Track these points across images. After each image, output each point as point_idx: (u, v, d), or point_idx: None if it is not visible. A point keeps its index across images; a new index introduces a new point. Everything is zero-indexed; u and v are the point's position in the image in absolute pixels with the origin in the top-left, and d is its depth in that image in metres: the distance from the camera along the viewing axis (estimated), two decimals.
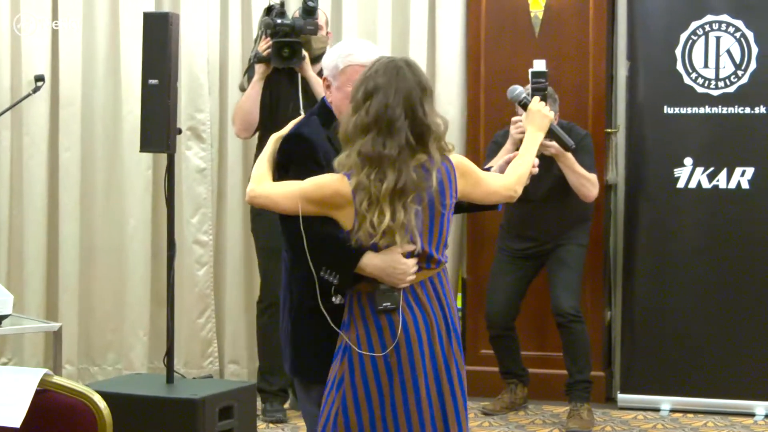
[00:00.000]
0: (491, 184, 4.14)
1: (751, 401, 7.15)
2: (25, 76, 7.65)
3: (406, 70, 3.88)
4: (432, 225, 3.90)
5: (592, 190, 6.82)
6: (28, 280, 7.74)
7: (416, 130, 3.84)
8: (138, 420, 5.56)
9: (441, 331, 3.94)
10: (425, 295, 3.95)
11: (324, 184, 3.90)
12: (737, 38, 7.21)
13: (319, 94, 6.67)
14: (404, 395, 3.87)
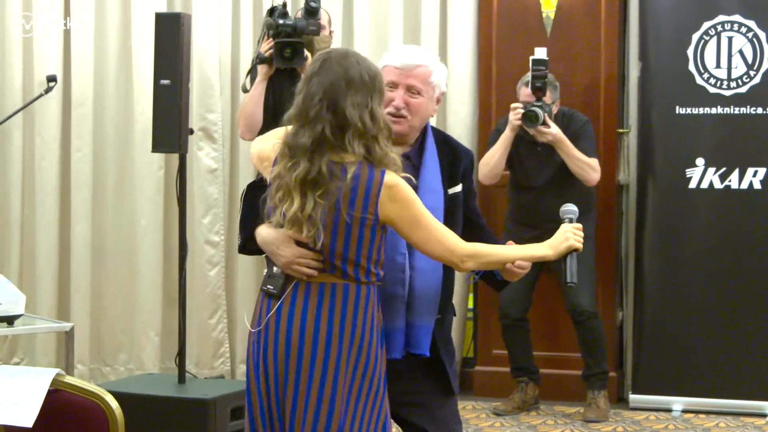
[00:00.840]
0: (433, 237, 3.81)
1: (764, 402, 7.14)
2: (37, 77, 7.66)
3: (333, 61, 3.79)
4: (335, 230, 3.74)
5: (593, 174, 6.89)
6: (39, 281, 7.75)
7: (337, 123, 3.75)
8: (150, 420, 5.58)
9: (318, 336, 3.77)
10: (319, 296, 3.79)
11: (272, 136, 4.08)
12: (749, 38, 7.20)
13: None
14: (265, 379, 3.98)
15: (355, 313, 3.79)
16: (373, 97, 3.77)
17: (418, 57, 4.09)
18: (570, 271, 4.11)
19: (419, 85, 4.03)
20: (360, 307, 3.80)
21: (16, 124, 7.67)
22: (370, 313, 3.82)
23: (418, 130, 4.09)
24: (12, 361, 7.75)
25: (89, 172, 7.76)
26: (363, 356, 3.80)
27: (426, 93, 4.04)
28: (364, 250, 3.77)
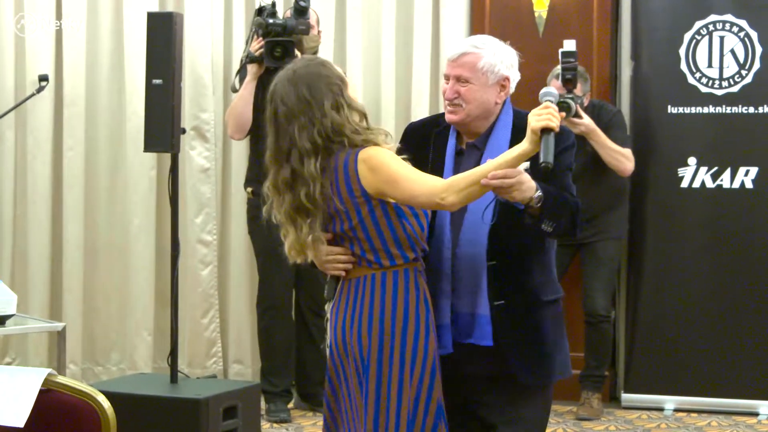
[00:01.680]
0: (412, 186, 3.81)
1: (755, 401, 7.15)
2: (29, 76, 7.65)
3: (277, 97, 4.10)
4: (340, 226, 3.91)
5: (627, 164, 6.98)
6: (31, 280, 7.75)
7: (300, 151, 3.90)
8: (142, 420, 5.57)
9: (361, 331, 3.88)
10: (355, 291, 3.92)
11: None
12: (741, 38, 7.21)
13: None
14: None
15: (382, 302, 3.88)
16: (322, 103, 3.90)
17: (465, 45, 4.10)
18: (543, 151, 3.77)
19: (466, 73, 4.03)
20: (387, 294, 3.87)
21: (8, 124, 7.67)
22: (401, 299, 3.87)
23: (485, 118, 4.08)
24: (4, 361, 7.74)
25: (81, 171, 7.75)
26: (399, 344, 3.86)
27: (476, 80, 4.03)
28: (375, 233, 3.86)
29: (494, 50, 4.07)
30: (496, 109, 4.07)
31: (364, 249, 3.87)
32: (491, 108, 4.06)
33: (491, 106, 4.06)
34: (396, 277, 3.89)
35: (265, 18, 6.69)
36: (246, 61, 6.85)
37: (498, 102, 4.07)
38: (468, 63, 4.04)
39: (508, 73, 4.07)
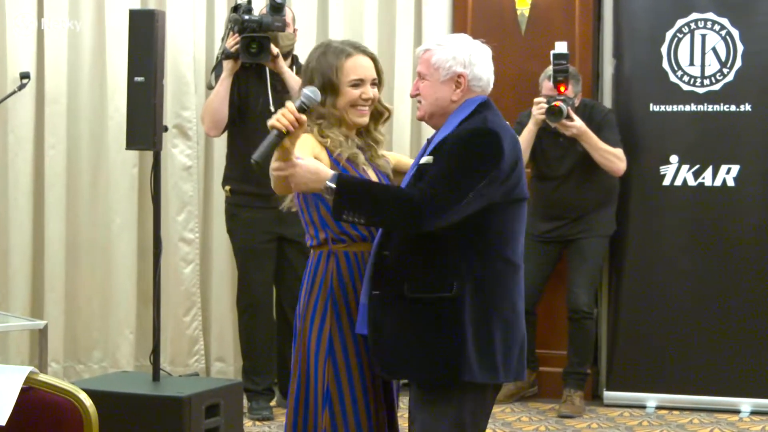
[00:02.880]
0: None
1: (737, 398, 7.18)
2: (10, 74, 7.62)
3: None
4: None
5: (619, 164, 7.02)
6: (13, 278, 7.72)
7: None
8: (124, 418, 5.57)
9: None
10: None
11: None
12: (723, 36, 7.23)
13: (293, 87, 6.72)
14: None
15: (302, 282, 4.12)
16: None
17: (426, 44, 4.10)
18: (259, 150, 3.85)
19: (423, 70, 4.02)
20: (308, 275, 4.09)
21: None
22: (312, 280, 4.08)
23: (441, 115, 4.01)
24: None
25: (63, 169, 7.73)
26: (302, 324, 4.09)
27: (430, 76, 4.00)
28: (302, 212, 4.10)
29: (451, 47, 3.99)
30: (452, 107, 3.99)
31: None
32: (446, 106, 3.99)
33: (446, 104, 3.99)
34: (312, 257, 4.08)
35: (241, 14, 6.69)
36: (222, 57, 6.85)
37: (454, 100, 3.98)
38: (425, 60, 4.03)
39: (462, 70, 3.96)
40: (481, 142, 3.82)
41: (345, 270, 4.00)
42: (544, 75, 7.00)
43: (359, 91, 4.10)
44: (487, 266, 3.81)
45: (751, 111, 7.19)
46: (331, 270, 4.00)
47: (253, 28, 6.68)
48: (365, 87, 4.10)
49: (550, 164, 7.14)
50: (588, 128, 6.87)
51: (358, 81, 4.10)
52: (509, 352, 3.83)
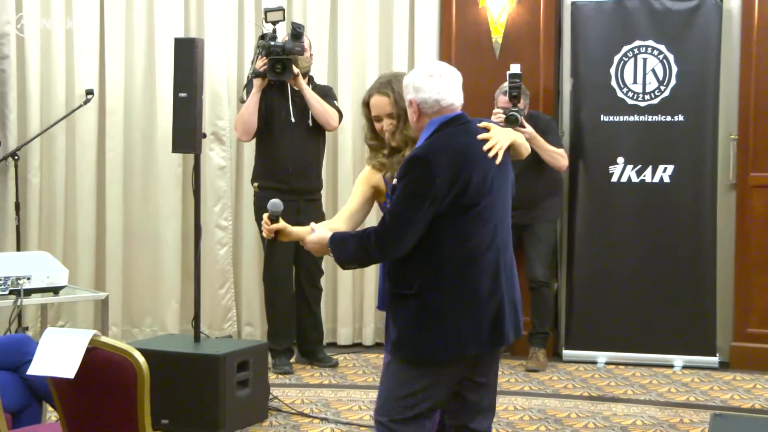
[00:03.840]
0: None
1: (671, 355, 7.18)
2: (77, 91, 7.62)
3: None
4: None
5: (563, 161, 7.04)
6: (80, 259, 7.73)
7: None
8: (171, 372, 5.57)
9: None
10: None
11: None
12: (660, 59, 7.22)
13: (310, 101, 6.75)
14: None
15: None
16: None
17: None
18: (265, 246, 4.09)
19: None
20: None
21: (60, 130, 7.64)
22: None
23: (416, 137, 3.88)
24: (57, 324, 7.72)
25: (120, 169, 7.74)
26: None
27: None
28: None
29: (407, 78, 3.87)
30: (418, 129, 3.84)
31: None
32: (415, 128, 3.87)
33: (414, 127, 3.87)
34: None
35: (268, 41, 6.71)
36: (252, 76, 6.86)
37: (416, 122, 3.84)
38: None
39: (410, 97, 3.79)
40: (413, 168, 3.64)
41: None
42: (499, 91, 7.00)
43: (378, 125, 4.06)
44: (444, 265, 3.68)
45: (683, 120, 7.18)
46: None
47: (277, 51, 6.69)
48: (381, 122, 4.04)
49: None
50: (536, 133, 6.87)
51: (376, 117, 4.07)
52: (479, 328, 3.71)
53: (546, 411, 6.08)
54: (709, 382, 6.78)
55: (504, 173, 3.81)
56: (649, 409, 6.15)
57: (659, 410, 6.12)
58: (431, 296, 3.69)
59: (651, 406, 6.22)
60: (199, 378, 5.64)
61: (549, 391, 6.58)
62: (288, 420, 5.92)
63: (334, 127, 6.94)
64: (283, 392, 6.39)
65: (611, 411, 6.10)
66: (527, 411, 6.07)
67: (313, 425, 5.82)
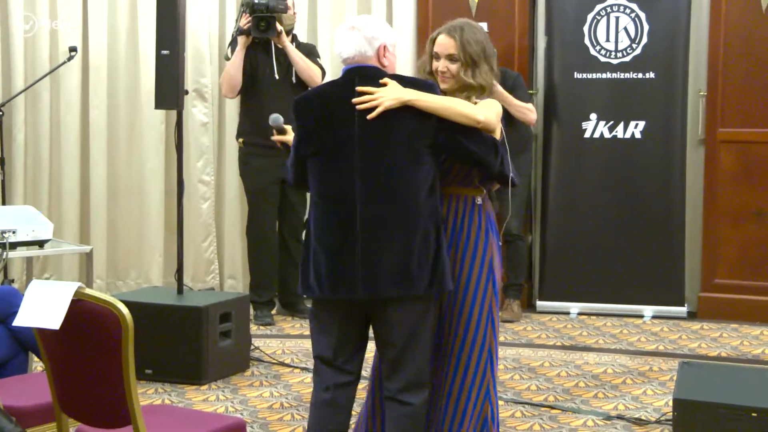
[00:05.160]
0: None
1: (641, 305, 7.23)
2: (61, 48, 7.56)
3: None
4: None
5: (531, 116, 6.93)
6: (66, 213, 7.71)
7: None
8: (155, 324, 5.58)
9: None
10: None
11: (499, 108, 3.97)
12: (632, 18, 7.20)
13: (293, 58, 6.71)
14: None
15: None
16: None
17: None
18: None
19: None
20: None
21: (44, 86, 7.59)
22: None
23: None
24: (42, 276, 7.71)
25: (104, 125, 7.70)
26: None
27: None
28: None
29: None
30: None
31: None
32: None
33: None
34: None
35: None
36: (236, 33, 6.83)
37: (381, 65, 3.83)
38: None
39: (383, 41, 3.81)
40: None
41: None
42: (436, 57, 6.93)
43: (436, 64, 3.97)
44: (312, 208, 3.79)
45: (654, 78, 7.18)
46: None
47: (261, 9, 6.65)
48: (439, 61, 3.96)
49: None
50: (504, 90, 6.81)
51: (436, 54, 3.98)
52: (331, 273, 3.71)
53: (520, 360, 6.12)
54: (677, 332, 6.83)
55: (386, 130, 3.68)
56: (620, 357, 6.19)
57: (629, 359, 6.16)
58: (307, 236, 3.82)
59: (621, 354, 6.26)
60: (183, 329, 5.64)
61: (523, 341, 6.61)
62: (269, 370, 5.93)
63: (317, 83, 6.91)
64: (265, 343, 6.40)
65: (583, 360, 6.14)
66: (502, 360, 6.10)
67: (293, 374, 5.84)
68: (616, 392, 5.51)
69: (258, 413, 5.16)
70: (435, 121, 3.69)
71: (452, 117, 3.70)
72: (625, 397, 5.41)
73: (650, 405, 5.28)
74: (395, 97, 3.64)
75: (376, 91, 3.66)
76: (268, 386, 5.63)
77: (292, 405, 5.29)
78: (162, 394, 5.45)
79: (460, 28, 3.94)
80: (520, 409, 5.20)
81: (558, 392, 5.50)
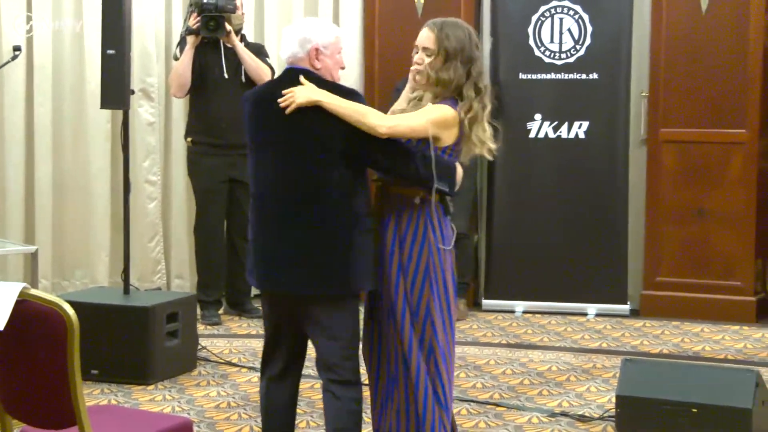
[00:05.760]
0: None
1: (584, 304, 7.28)
2: (5, 47, 7.47)
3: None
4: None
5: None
6: (9, 212, 7.62)
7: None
8: (101, 324, 5.53)
9: None
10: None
11: (446, 111, 3.85)
12: (576, 19, 7.26)
13: (244, 59, 6.70)
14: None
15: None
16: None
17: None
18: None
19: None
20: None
21: None
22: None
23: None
24: None
25: (49, 123, 7.62)
26: None
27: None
28: None
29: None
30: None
31: None
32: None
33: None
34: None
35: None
36: (185, 33, 6.80)
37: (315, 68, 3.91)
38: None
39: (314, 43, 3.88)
40: None
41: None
42: (415, 51, 6.95)
43: (414, 56, 4.03)
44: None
45: (597, 79, 7.24)
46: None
47: (210, 9, 6.64)
48: (417, 54, 4.01)
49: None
50: None
51: (415, 47, 4.03)
52: (250, 264, 3.89)
53: (466, 358, 6.14)
54: (620, 329, 6.89)
55: (302, 131, 3.73)
56: (564, 355, 6.24)
57: (573, 356, 6.20)
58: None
59: (566, 352, 6.31)
60: (129, 329, 5.60)
61: (469, 339, 6.63)
62: (216, 369, 5.91)
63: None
64: (212, 342, 6.37)
65: (528, 357, 6.18)
66: None
67: (240, 374, 5.82)
68: (560, 389, 5.54)
69: (205, 413, 5.14)
70: (345, 125, 3.70)
71: (355, 124, 3.71)
72: (569, 394, 5.45)
73: (593, 402, 5.32)
74: (306, 96, 3.70)
75: (290, 91, 3.72)
76: (215, 386, 5.60)
77: (240, 404, 5.27)
78: (108, 394, 5.41)
79: (442, 23, 3.97)
80: (466, 406, 5.23)
81: (503, 390, 5.53)
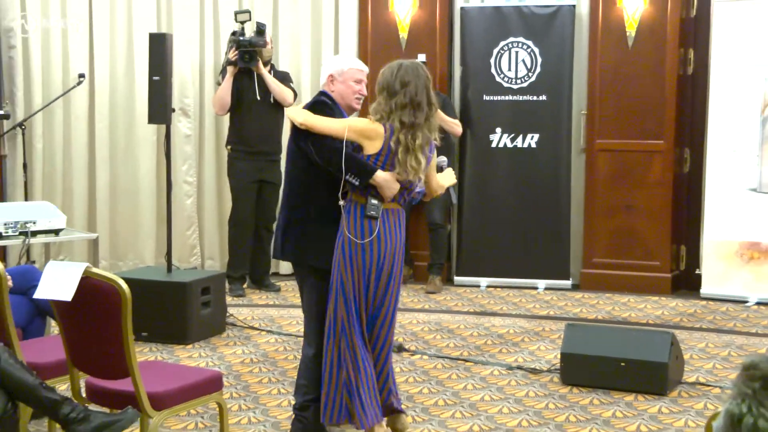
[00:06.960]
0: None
1: (535, 279, 7.29)
2: (71, 74, 7.46)
3: (422, 70, 3.79)
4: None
5: (458, 129, 7.06)
6: (75, 207, 7.62)
7: (430, 111, 3.77)
8: (148, 296, 5.55)
9: (396, 248, 3.78)
10: (392, 219, 3.78)
11: (366, 123, 3.71)
12: (528, 52, 7.27)
13: (270, 85, 6.72)
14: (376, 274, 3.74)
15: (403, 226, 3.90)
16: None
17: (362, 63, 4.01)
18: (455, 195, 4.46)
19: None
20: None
21: (58, 105, 7.49)
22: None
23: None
24: (58, 258, 7.61)
25: (107, 136, 7.62)
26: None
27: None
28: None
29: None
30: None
31: (409, 194, 3.87)
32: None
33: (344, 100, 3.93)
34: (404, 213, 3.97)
35: (238, 36, 6.71)
36: (226, 64, 6.84)
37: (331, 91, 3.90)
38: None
39: (329, 71, 3.90)
40: None
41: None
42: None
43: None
44: None
45: (546, 100, 7.26)
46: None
47: (245, 45, 6.67)
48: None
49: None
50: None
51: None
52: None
53: (441, 323, 6.16)
54: (564, 300, 6.92)
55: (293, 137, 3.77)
56: (519, 321, 6.26)
57: (527, 322, 6.23)
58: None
59: (521, 318, 6.33)
60: (171, 300, 5.62)
61: (443, 309, 6.65)
62: (241, 332, 5.93)
63: (290, 103, 6.88)
64: (238, 311, 6.39)
65: (491, 323, 6.20)
66: (426, 324, 6.14)
67: (261, 336, 5.83)
68: (516, 348, 5.57)
69: (232, 367, 5.16)
70: (292, 126, 3.77)
71: (293, 121, 3.76)
72: (523, 352, 5.48)
73: (543, 358, 5.35)
74: (291, 115, 3.76)
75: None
76: (240, 345, 5.62)
77: (260, 360, 5.29)
78: (155, 352, 5.43)
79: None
80: (441, 362, 5.25)
81: (471, 348, 5.55)
